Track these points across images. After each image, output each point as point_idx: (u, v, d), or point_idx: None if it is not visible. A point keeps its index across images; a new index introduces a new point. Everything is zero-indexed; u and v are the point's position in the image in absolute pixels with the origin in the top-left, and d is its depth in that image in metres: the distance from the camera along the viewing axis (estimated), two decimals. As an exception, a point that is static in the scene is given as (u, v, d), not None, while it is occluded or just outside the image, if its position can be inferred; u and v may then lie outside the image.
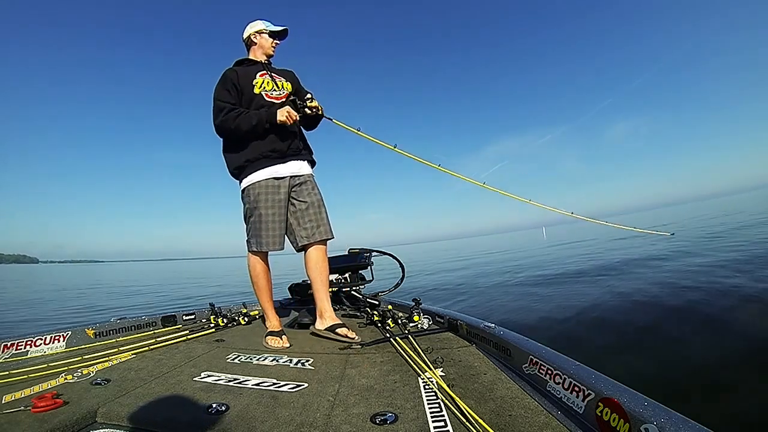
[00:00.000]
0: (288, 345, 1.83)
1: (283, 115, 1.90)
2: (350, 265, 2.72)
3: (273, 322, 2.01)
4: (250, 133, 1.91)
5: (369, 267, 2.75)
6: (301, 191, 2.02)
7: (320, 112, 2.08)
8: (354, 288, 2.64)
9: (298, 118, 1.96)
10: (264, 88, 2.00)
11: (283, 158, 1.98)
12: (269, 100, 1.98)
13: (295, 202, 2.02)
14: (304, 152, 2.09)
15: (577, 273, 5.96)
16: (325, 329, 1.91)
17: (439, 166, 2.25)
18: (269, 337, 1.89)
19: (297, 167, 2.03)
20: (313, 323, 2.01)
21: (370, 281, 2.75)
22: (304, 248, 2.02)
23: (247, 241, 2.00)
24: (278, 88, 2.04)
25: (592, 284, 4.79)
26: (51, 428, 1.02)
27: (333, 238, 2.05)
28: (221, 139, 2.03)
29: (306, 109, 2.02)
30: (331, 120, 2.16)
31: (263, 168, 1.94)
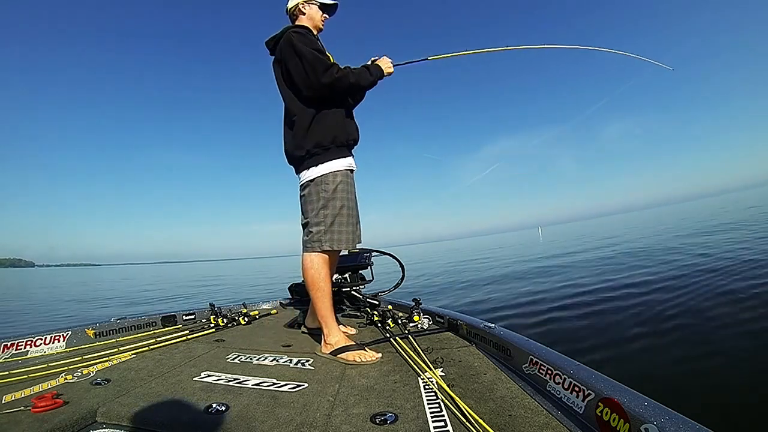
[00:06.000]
0: (380, 354, 1.60)
1: (389, 67, 1.78)
2: (350, 265, 2.71)
3: (342, 334, 1.69)
4: (365, 89, 1.77)
5: (369, 267, 2.75)
6: None
7: None
8: (354, 288, 2.64)
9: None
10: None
11: (352, 151, 1.82)
12: None
13: None
14: None
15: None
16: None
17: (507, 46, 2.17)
18: (356, 352, 1.56)
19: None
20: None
21: (370, 281, 2.75)
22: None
23: (317, 238, 1.68)
24: None
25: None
26: (51, 428, 1.02)
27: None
28: (314, 103, 1.68)
29: None
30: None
31: (344, 157, 1.73)
